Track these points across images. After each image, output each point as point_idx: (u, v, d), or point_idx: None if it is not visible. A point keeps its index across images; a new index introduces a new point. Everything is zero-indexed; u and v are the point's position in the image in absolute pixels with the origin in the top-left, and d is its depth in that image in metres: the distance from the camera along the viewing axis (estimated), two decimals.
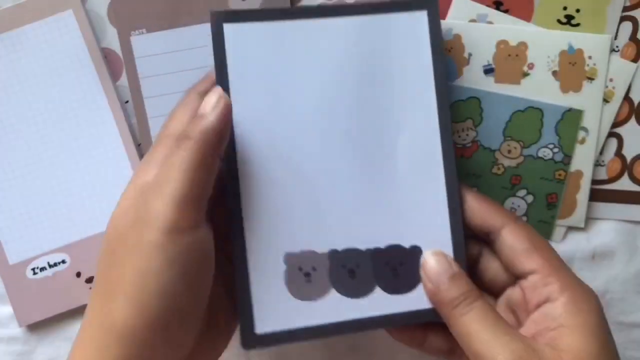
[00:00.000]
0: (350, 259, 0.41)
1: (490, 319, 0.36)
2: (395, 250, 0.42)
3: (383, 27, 0.42)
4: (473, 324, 0.36)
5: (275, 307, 0.40)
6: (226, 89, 0.40)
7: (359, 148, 0.42)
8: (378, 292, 0.42)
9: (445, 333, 0.39)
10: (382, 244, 0.42)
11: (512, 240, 0.38)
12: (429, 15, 0.42)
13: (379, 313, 0.41)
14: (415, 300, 0.41)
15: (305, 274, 0.41)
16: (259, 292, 0.40)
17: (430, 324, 0.41)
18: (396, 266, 0.42)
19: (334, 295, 0.41)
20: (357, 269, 0.41)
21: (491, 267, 0.41)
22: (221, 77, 0.40)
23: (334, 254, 0.41)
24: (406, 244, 0.42)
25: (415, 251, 0.42)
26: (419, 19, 0.43)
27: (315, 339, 0.42)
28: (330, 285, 0.41)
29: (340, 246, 0.41)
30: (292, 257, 0.41)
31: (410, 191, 0.42)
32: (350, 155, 0.42)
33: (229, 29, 0.40)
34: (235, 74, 0.41)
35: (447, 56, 0.46)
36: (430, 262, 0.40)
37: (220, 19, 0.40)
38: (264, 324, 0.40)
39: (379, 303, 0.41)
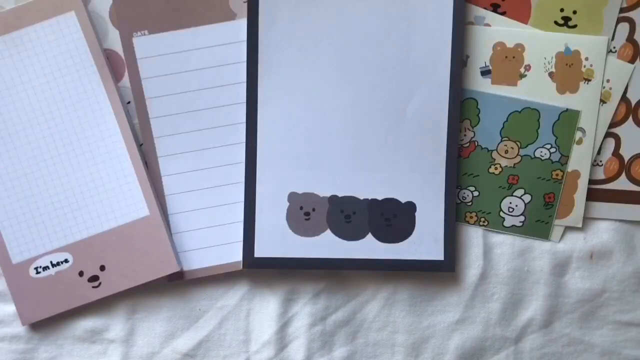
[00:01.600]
0: (348, 205, 0.46)
1: None
2: (391, 203, 0.46)
3: None
4: None
5: (274, 237, 0.46)
6: (256, 35, 0.45)
7: (372, 105, 0.46)
8: (369, 238, 0.46)
9: None
10: (379, 196, 0.46)
11: None
12: None
13: (367, 257, 0.46)
14: (402, 251, 0.46)
15: (305, 213, 0.46)
16: (262, 223, 0.46)
17: None
18: (390, 218, 0.46)
19: (328, 235, 0.46)
20: (353, 215, 0.46)
21: None
22: (252, 27, 0.45)
23: (334, 198, 0.46)
24: (402, 199, 0.46)
25: (410, 207, 0.46)
26: None
27: (304, 269, 0.47)
28: (327, 226, 0.46)
29: (340, 193, 0.46)
30: (296, 196, 0.46)
31: (413, 152, 0.46)
32: (362, 111, 0.46)
33: None
34: (266, 22, 0.45)
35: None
36: None
37: None
38: (262, 250, 0.46)
39: (369, 248, 0.46)
